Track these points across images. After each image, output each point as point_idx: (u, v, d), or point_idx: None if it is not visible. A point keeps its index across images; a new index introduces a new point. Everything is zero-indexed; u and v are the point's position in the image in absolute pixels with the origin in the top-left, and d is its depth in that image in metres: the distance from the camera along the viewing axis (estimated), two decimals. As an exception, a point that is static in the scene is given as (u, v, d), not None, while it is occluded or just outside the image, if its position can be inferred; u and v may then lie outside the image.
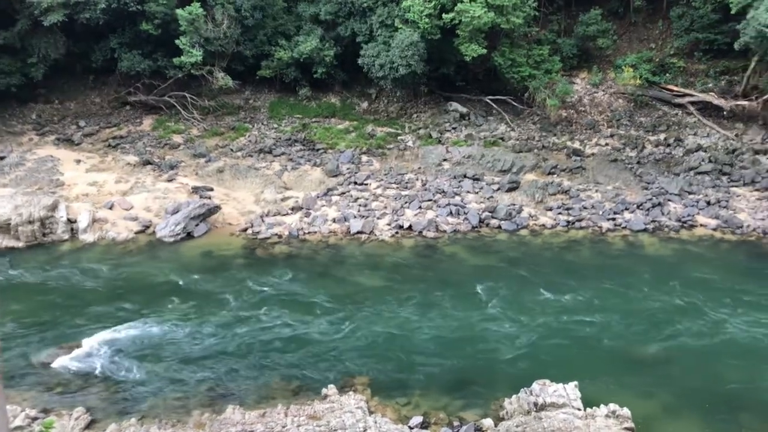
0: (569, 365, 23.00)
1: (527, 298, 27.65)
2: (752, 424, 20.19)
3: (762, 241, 32.90)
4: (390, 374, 22.68)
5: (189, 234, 32.90)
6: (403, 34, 40.73)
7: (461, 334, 25.09)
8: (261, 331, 25.13)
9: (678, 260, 31.21)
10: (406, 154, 42.18)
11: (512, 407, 20.26)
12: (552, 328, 25.44)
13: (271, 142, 42.63)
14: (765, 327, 25.27)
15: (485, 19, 39.16)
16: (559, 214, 35.63)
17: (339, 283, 29.00)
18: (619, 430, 18.79)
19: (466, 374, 22.72)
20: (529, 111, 45.43)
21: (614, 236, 33.78)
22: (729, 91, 44.32)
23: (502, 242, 33.29)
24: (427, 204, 36.32)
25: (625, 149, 42.19)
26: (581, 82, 47.65)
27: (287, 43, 45.84)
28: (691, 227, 34.36)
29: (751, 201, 36.44)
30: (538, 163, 40.58)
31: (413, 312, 26.56)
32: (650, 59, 46.85)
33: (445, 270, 30.33)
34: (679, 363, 23.38)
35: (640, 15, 50.09)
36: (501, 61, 42.98)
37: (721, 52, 45.55)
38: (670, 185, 37.74)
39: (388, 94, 47.26)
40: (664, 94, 45.46)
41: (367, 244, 32.91)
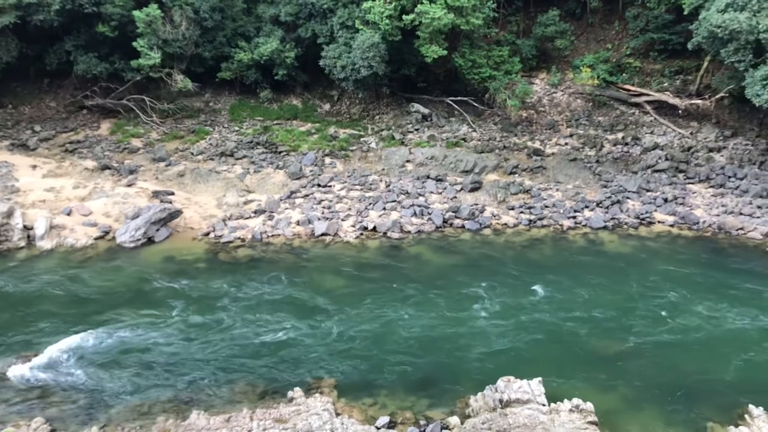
0: (533, 361, 23.33)
1: (489, 297, 27.91)
2: (710, 414, 20.73)
3: (717, 236, 33.76)
4: (356, 375, 22.68)
5: (150, 239, 32.41)
6: (364, 36, 40.77)
7: (427, 333, 25.21)
8: (225, 335, 24.89)
9: (637, 256, 31.85)
10: (369, 156, 42.22)
11: (478, 404, 20.44)
12: (516, 326, 25.73)
13: (232, 145, 42.23)
14: (722, 320, 25.96)
15: (445, 20, 39.43)
16: (521, 213, 36.05)
17: (303, 285, 28.87)
18: (583, 424, 19.12)
19: (433, 373, 22.85)
20: (490, 112, 45.88)
21: (575, 234, 34.31)
22: (684, 90, 45.41)
23: (466, 242, 33.54)
24: (392, 205, 36.40)
25: (584, 148, 42.88)
26: (540, 83, 48.30)
27: (247, 44, 45.51)
28: (650, 224, 35.09)
29: (706, 197, 37.37)
30: (499, 163, 40.99)
31: (379, 313, 26.59)
32: (607, 59, 47.72)
33: (410, 270, 30.42)
34: (640, 357, 23.88)
35: (597, 16, 51.00)
36: (461, 63, 43.34)
37: (675, 52, 46.64)
38: (629, 183, 38.48)
39: (350, 95, 47.27)
40: (621, 94, 46.35)
41: (331, 246, 32.84)
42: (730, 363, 23.41)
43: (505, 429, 18.82)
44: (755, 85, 36.04)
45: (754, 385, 22.08)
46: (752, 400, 20.62)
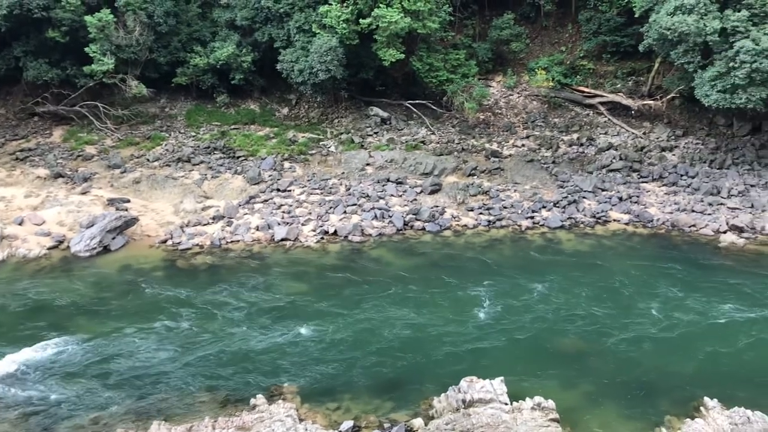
0: (496, 361, 23.54)
1: (452, 298, 28.11)
2: (667, 407, 21.16)
3: (671, 233, 34.57)
4: (320, 380, 22.59)
5: (106, 248, 31.79)
6: (321, 40, 40.68)
7: (389, 336, 25.23)
8: (185, 343, 24.54)
9: (594, 255, 32.41)
10: (328, 160, 42.12)
11: (441, 405, 20.53)
12: (477, 326, 25.95)
13: (189, 151, 41.69)
14: (678, 315, 26.56)
15: (402, 24, 39.61)
16: (480, 214, 36.38)
17: (264, 291, 28.64)
18: (545, 421, 19.36)
19: (396, 375, 22.89)
20: (449, 114, 46.22)
21: (533, 234, 34.75)
22: (636, 91, 46.45)
23: (426, 244, 33.69)
24: (352, 209, 36.37)
25: (540, 149, 43.50)
26: (497, 86, 48.85)
27: (203, 49, 45.00)
28: (605, 222, 35.75)
29: (659, 196, 38.23)
30: (458, 165, 41.32)
31: (340, 317, 26.53)
32: (561, 62, 48.52)
33: (371, 274, 30.42)
34: (600, 353, 24.30)
35: (551, 19, 51.82)
36: (419, 66, 43.58)
37: (627, 54, 47.66)
38: (584, 183, 39.16)
39: (309, 99, 47.12)
40: (576, 96, 47.17)
41: (292, 251, 32.66)
42: (687, 356, 23.98)
43: (468, 429, 18.95)
44: (704, 85, 37.07)
45: (710, 378, 22.66)
46: (708, 393, 21.12)
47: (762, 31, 34.85)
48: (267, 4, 43.67)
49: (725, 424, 19.58)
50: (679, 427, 19.82)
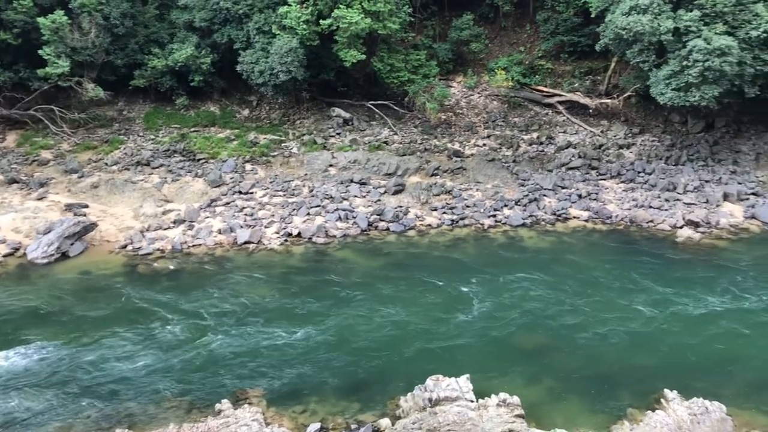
0: (461, 359, 23.72)
1: (417, 298, 28.22)
2: (629, 400, 21.59)
3: (630, 229, 35.25)
4: (285, 383, 22.47)
5: (64, 254, 31.11)
6: (281, 41, 40.45)
7: (355, 337, 25.22)
8: (148, 349, 24.16)
9: (555, 251, 32.89)
10: (291, 161, 41.92)
11: (408, 405, 20.60)
12: (442, 324, 26.10)
13: (148, 154, 41.07)
14: (638, 309, 27.10)
15: (362, 24, 39.62)
16: (443, 213, 36.60)
17: (227, 295, 28.37)
18: (510, 417, 19.57)
19: (362, 377, 22.89)
20: (410, 115, 46.38)
21: (496, 232, 35.10)
22: (593, 90, 47.23)
23: (391, 244, 33.77)
24: (316, 210, 36.25)
25: (501, 149, 43.94)
26: (458, 86, 49.20)
27: (161, 51, 44.36)
28: (566, 220, 36.29)
29: (618, 192, 38.95)
30: (421, 165, 41.49)
31: (305, 320, 26.43)
32: (520, 62, 49.09)
33: (336, 275, 30.35)
34: (562, 348, 24.66)
35: (509, 19, 52.38)
36: (380, 67, 43.66)
37: (584, 54, 48.45)
38: (545, 181, 39.69)
39: (270, 100, 46.81)
40: (535, 95, 47.77)
41: (255, 254, 32.41)
42: (648, 350, 24.48)
43: (435, 427, 19.05)
44: (659, 84, 37.89)
45: (670, 370, 23.18)
46: (668, 384, 21.60)
47: (713, 30, 35.77)
48: (226, 6, 43.26)
49: (685, 414, 20.05)
50: (641, 419, 20.22)
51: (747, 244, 33.32)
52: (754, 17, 36.19)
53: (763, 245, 33.13)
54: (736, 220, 35.54)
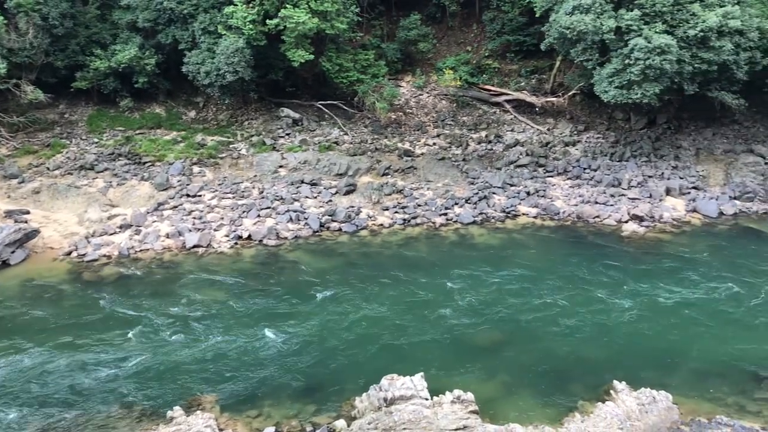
0: (415, 357, 23.77)
1: (369, 298, 28.19)
2: (580, 392, 22.00)
3: (577, 224, 35.95)
4: (238, 388, 22.15)
5: (5, 262, 30.08)
6: (227, 41, 39.90)
7: (307, 339, 25.05)
8: (95, 358, 23.52)
9: (505, 248, 33.30)
10: (240, 163, 41.39)
11: (363, 405, 20.55)
12: (395, 323, 26.13)
13: (92, 158, 39.97)
14: (587, 302, 27.66)
15: (310, 24, 39.39)
16: (395, 213, 36.69)
17: (177, 300, 27.83)
18: (465, 413, 19.71)
19: (316, 379, 22.74)
20: (360, 114, 46.35)
21: (447, 230, 35.35)
22: (539, 88, 48.03)
23: (343, 244, 33.67)
24: (266, 212, 35.89)
25: (451, 148, 44.29)
26: (407, 85, 49.40)
27: (103, 52, 43.22)
28: (515, 216, 36.80)
29: (564, 189, 39.68)
30: (372, 165, 41.50)
31: (257, 323, 26.14)
32: (468, 61, 49.57)
33: (288, 277, 30.11)
34: (515, 344, 24.97)
35: (456, 19, 52.85)
36: (329, 67, 43.49)
37: (530, 53, 49.23)
38: (494, 179, 40.16)
39: (217, 101, 46.11)
40: (483, 94, 48.32)
41: (205, 257, 31.90)
42: (597, 342, 25.00)
43: (390, 427, 19.05)
44: (602, 82, 38.75)
45: (618, 361, 23.71)
46: (617, 376, 22.08)
47: (653, 29, 36.77)
48: (170, 6, 42.44)
49: (633, 404, 20.54)
50: (591, 411, 20.61)
51: (690, 237, 34.36)
52: (691, 17, 37.34)
53: (705, 237, 34.23)
54: (679, 214, 36.63)
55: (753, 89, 41.50)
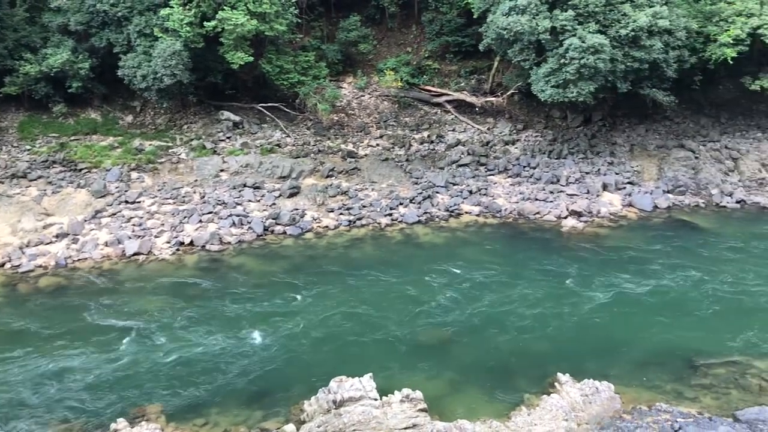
0: (363, 358, 23.81)
1: (316, 301, 28.09)
2: (526, 386, 22.44)
3: (518, 221, 36.63)
4: (185, 397, 21.77)
5: (-69, 277, 28.81)
6: (164, 44, 39.12)
7: (254, 345, 24.82)
8: (30, 373, 22.73)
9: (449, 246, 33.70)
10: (180, 167, 40.63)
11: (312, 409, 20.48)
12: (342, 325, 26.13)
13: (24, 166, 38.58)
14: (530, 296, 28.21)
15: (248, 26, 38.98)
16: (340, 214, 36.65)
17: (118, 309, 27.16)
18: (414, 412, 19.85)
19: (264, 384, 22.54)
20: (302, 116, 46.12)
21: (392, 230, 35.52)
22: (479, 89, 48.72)
23: (288, 248, 33.44)
24: (208, 217, 35.35)
25: (394, 148, 44.51)
26: (348, 87, 49.40)
27: (33, 56, 41.71)
28: (458, 215, 37.25)
29: (506, 187, 40.37)
30: (316, 167, 41.35)
31: (201, 329, 25.74)
32: (408, 62, 49.89)
33: (232, 283, 29.72)
34: (461, 341, 25.29)
35: (396, 21, 53.15)
36: (269, 69, 43.14)
37: (469, 54, 49.86)
38: (437, 179, 40.55)
39: (154, 105, 45.15)
40: (424, 95, 48.72)
41: (146, 265, 31.21)
42: (541, 336, 25.53)
43: (340, 429, 19.04)
44: (539, 81, 39.57)
45: (562, 354, 24.26)
46: (561, 368, 22.60)
47: (587, 29, 37.76)
48: (103, 8, 41.31)
49: (577, 396, 21.07)
50: (537, 404, 21.04)
51: (626, 231, 35.44)
52: (622, 17, 38.52)
53: (641, 231, 35.36)
54: (615, 209, 37.73)
55: (682, 87, 43.16)
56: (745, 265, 30.94)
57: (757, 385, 22.40)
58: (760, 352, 24.27)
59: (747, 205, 38.39)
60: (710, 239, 33.86)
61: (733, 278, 29.66)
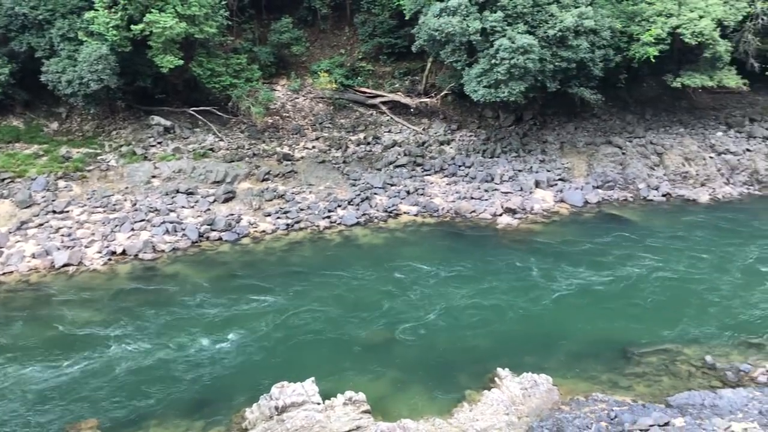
0: (305, 363, 23.65)
1: (255, 306, 27.76)
2: (467, 382, 22.75)
3: (455, 220, 37.10)
4: (123, 409, 21.19)
5: None
6: (90, 48, 37.87)
7: (192, 354, 24.33)
8: (-44, 394, 21.69)
9: (388, 246, 33.87)
10: (109, 175, 39.43)
11: (254, 416, 20.22)
12: (284, 330, 25.90)
13: (-59, 177, 36.79)
14: (467, 295, 28.57)
15: (177, 29, 38.14)
16: (278, 218, 36.31)
17: (47, 323, 26.17)
18: (357, 414, 19.86)
19: (204, 393, 22.14)
20: (236, 120, 45.44)
21: (331, 233, 35.42)
22: (413, 90, 49.09)
23: (225, 254, 32.92)
24: (141, 225, 34.45)
25: (330, 150, 44.39)
26: (282, 89, 48.98)
27: (-52, 61, 39.85)
28: (397, 216, 37.45)
29: (442, 186, 40.81)
30: (251, 171, 40.81)
31: (137, 341, 25.09)
32: (342, 64, 49.84)
33: (167, 292, 29.05)
34: (402, 341, 25.43)
35: (328, 22, 53.01)
36: (200, 72, 42.34)
37: (402, 55, 50.19)
38: (374, 180, 40.65)
39: (81, 111, 43.64)
40: (359, 96, 48.74)
41: (77, 276, 30.19)
42: (480, 332, 25.92)
43: (284, 435, 18.86)
44: (471, 82, 40.16)
45: (501, 349, 24.71)
46: (500, 363, 22.99)
47: (516, 30, 38.56)
48: (22, 11, 39.64)
49: (517, 389, 21.47)
50: (479, 399, 21.35)
51: (559, 226, 36.36)
52: (550, 17, 39.52)
53: (573, 226, 36.36)
54: (548, 205, 38.66)
55: (608, 85, 44.61)
56: (675, 255, 32.21)
57: (687, 371, 23.35)
58: (689, 339, 25.31)
59: (672, 198, 39.98)
60: (639, 232, 35.08)
61: (664, 268, 30.83)
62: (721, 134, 45.91)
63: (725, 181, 42.13)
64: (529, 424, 20.25)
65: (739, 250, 32.55)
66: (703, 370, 23.36)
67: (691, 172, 42.27)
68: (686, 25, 40.14)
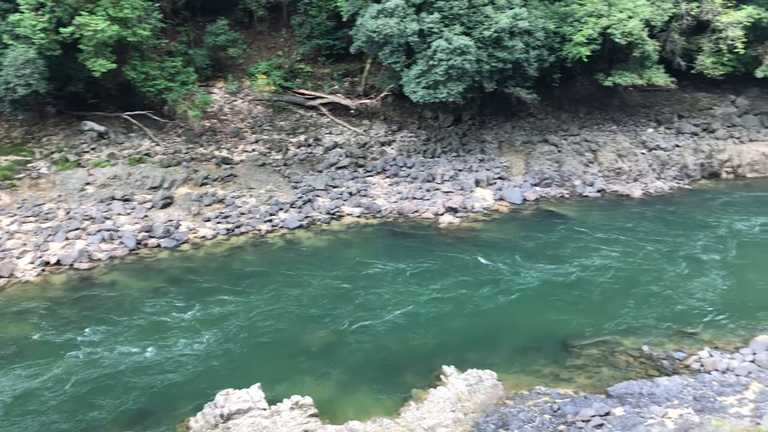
0: (250, 369, 23.40)
1: (195, 314, 27.27)
2: (413, 381, 22.92)
3: (398, 220, 37.30)
4: (61, 424, 20.51)
5: None
6: (16, 51, 36.46)
7: (131, 364, 23.74)
8: None
9: (332, 249, 33.78)
10: (41, 183, 38.07)
11: (199, 425, 19.88)
12: (229, 337, 25.54)
13: None
14: (409, 296, 28.77)
15: (109, 32, 37.11)
16: (218, 223, 35.76)
17: (-22, 339, 25.11)
18: (304, 418, 19.74)
19: (146, 404, 21.63)
20: (172, 124, 44.51)
21: (274, 236, 35.10)
22: (353, 91, 49.08)
23: (164, 261, 32.24)
24: (75, 233, 33.40)
25: (271, 153, 43.96)
26: (219, 92, 48.25)
27: None
28: (340, 217, 37.38)
29: (384, 187, 40.95)
30: (189, 176, 40.06)
31: (73, 353, 24.32)
32: (280, 66, 49.43)
33: (104, 302, 28.25)
34: (346, 343, 25.43)
35: (265, 24, 52.48)
36: (134, 75, 41.30)
37: (341, 56, 50.10)
38: (316, 182, 40.48)
39: (9, 118, 41.91)
40: (298, 98, 48.44)
41: (7, 289, 29.06)
42: (424, 331, 26.12)
43: (230, 443, 18.59)
44: (410, 83, 40.45)
45: (445, 347, 24.99)
46: (445, 361, 23.25)
47: (453, 31, 39.03)
48: (-59, 13, 38.01)
49: (462, 386, 21.73)
50: (425, 398, 21.51)
51: (499, 224, 36.99)
52: (485, 18, 40.14)
53: (512, 223, 37.05)
54: (488, 203, 39.26)
55: (543, 85, 45.59)
56: (615, 248, 33.12)
57: (625, 361, 24.08)
58: (627, 330, 26.10)
59: (607, 194, 41.16)
60: (578, 227, 35.97)
61: (601, 262, 31.72)
62: (651, 131, 47.55)
63: (656, 176, 43.60)
64: (475, 420, 20.53)
65: (676, 242, 33.71)
66: (640, 359, 24.13)
67: (624, 168, 43.59)
68: (616, 26, 41.37)
